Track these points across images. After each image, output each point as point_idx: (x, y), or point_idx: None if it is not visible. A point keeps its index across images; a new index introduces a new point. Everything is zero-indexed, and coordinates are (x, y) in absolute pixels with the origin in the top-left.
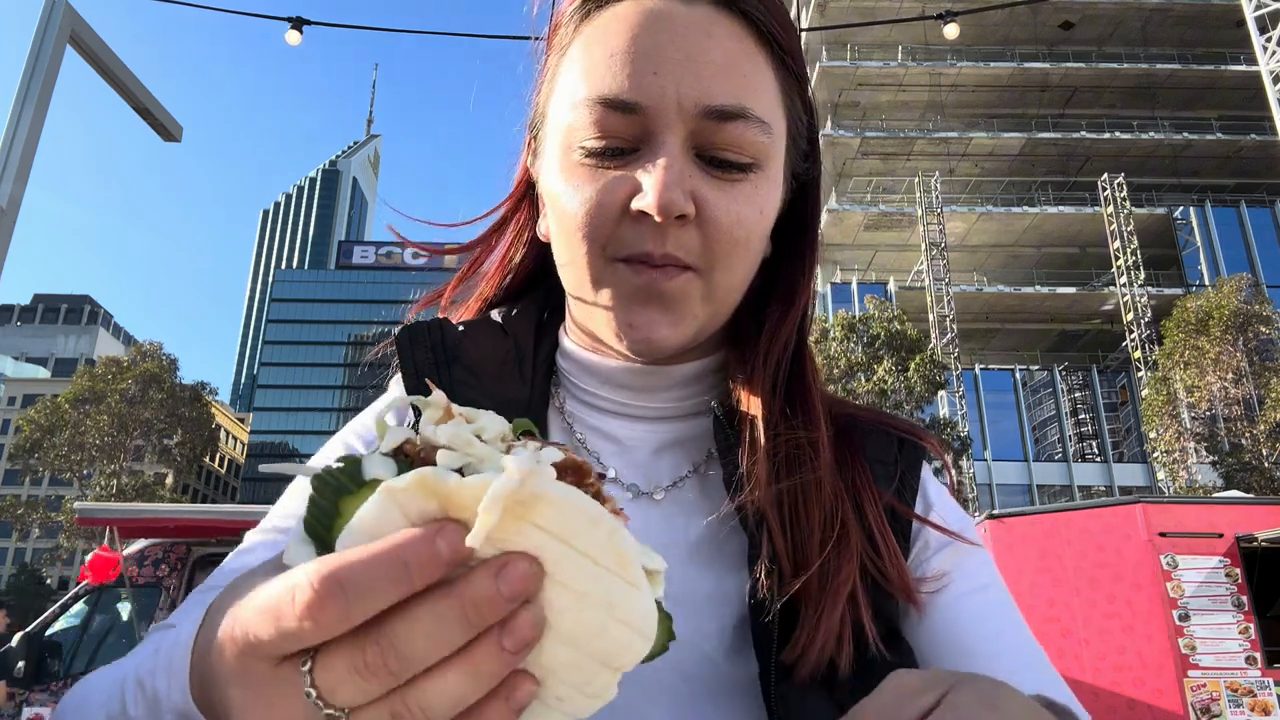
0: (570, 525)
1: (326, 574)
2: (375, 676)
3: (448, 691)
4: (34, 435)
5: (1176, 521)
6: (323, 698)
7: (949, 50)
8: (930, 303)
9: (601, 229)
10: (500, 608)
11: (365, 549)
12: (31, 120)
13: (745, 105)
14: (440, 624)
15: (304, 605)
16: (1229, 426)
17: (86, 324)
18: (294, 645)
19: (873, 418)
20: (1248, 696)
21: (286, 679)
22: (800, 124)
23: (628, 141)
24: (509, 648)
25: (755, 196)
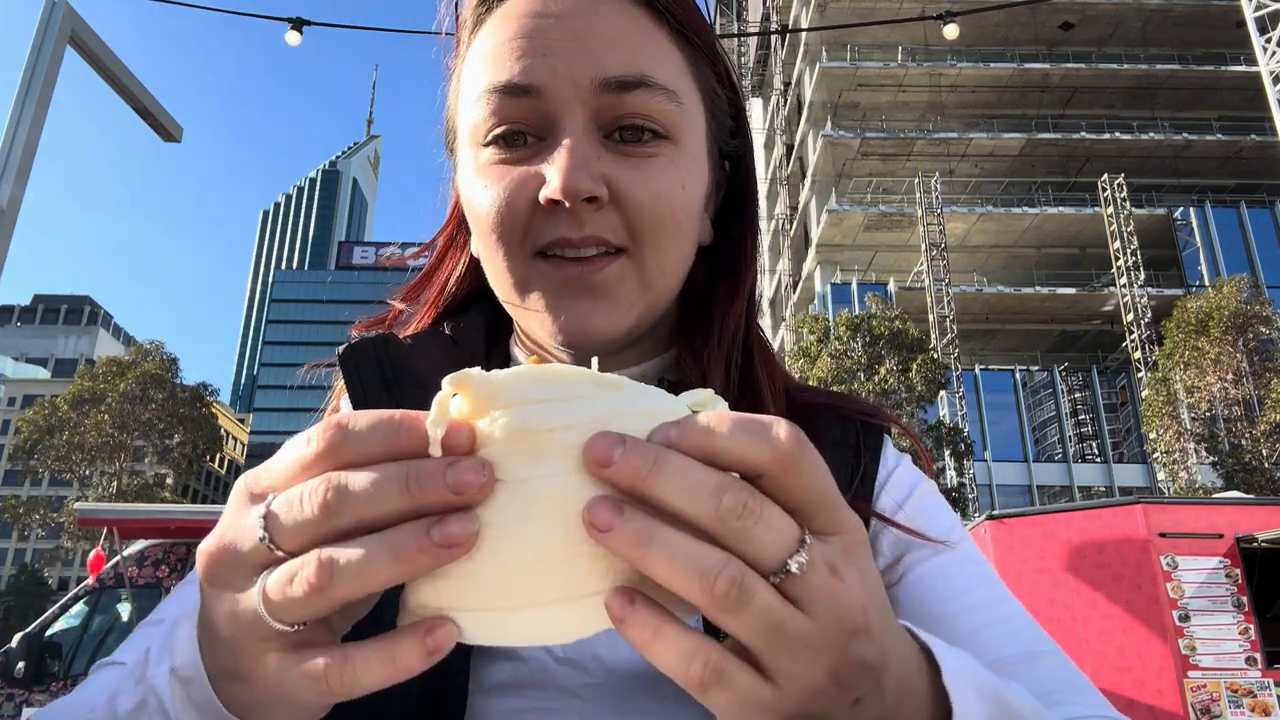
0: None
1: (340, 417)
2: (309, 503)
3: (361, 554)
4: (34, 436)
5: (1176, 522)
6: (268, 529)
7: (949, 51)
8: (930, 303)
9: (516, 225)
10: (439, 489)
11: (372, 415)
12: (31, 120)
13: (644, 73)
14: (383, 477)
15: (318, 429)
16: (1229, 427)
17: (86, 324)
18: (294, 476)
19: (830, 401)
20: (1248, 697)
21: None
22: (718, 98)
23: (529, 126)
24: (435, 539)
25: (673, 170)
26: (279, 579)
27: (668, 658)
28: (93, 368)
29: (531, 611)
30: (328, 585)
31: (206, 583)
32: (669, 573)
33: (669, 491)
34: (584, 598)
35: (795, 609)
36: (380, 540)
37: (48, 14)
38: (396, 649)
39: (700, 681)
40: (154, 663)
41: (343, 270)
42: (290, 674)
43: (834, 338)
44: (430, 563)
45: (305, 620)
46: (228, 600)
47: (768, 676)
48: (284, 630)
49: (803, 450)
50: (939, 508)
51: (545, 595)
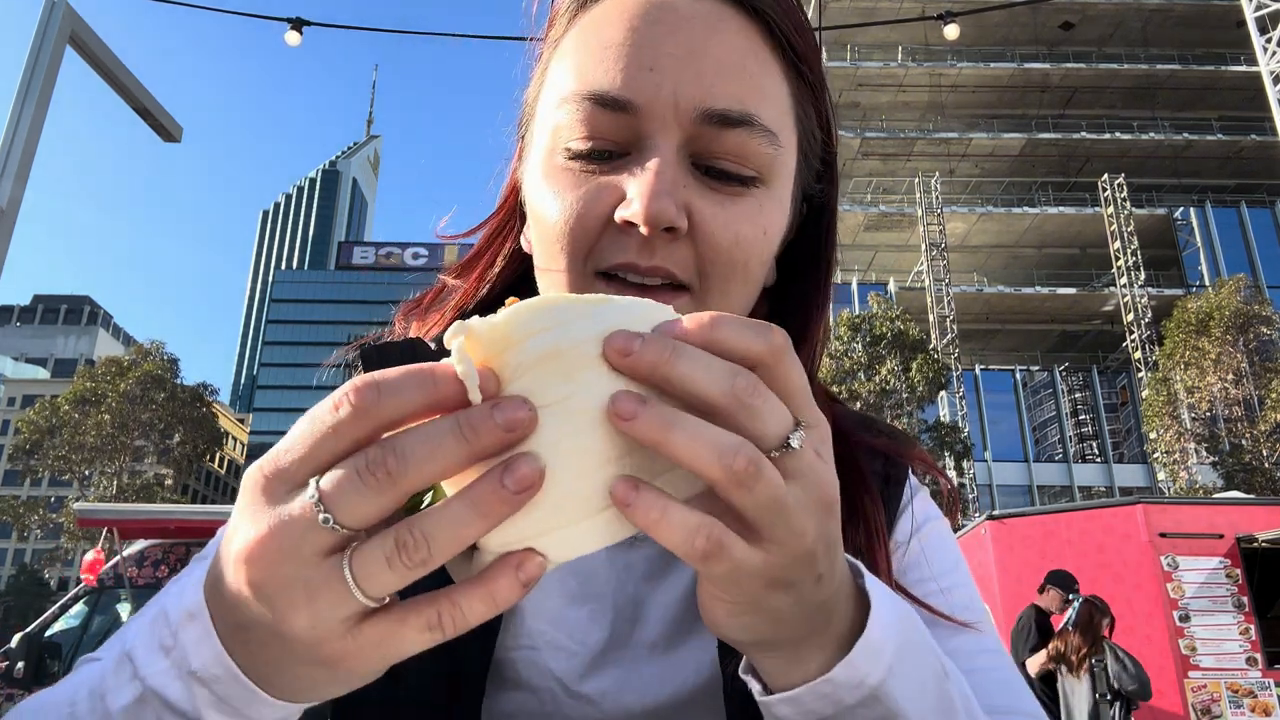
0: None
1: (367, 376)
2: (374, 475)
3: (449, 519)
4: (34, 436)
5: (1177, 522)
6: (330, 510)
7: (949, 51)
8: (930, 303)
9: (583, 240)
10: (493, 431)
11: (399, 368)
12: (31, 120)
13: (750, 111)
14: (438, 432)
15: (345, 393)
16: (1229, 427)
17: (86, 324)
18: (329, 448)
19: (865, 440)
20: (1248, 697)
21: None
22: (814, 140)
23: (617, 144)
24: (510, 485)
25: (758, 215)
26: (373, 562)
27: (675, 535)
28: (92, 368)
29: (599, 517)
30: (429, 558)
31: (260, 586)
32: (691, 453)
33: (687, 374)
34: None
35: (790, 483)
36: (461, 501)
37: (48, 14)
38: (495, 586)
39: (704, 553)
40: (144, 662)
41: (342, 270)
42: (395, 634)
43: (834, 338)
44: (511, 510)
45: (397, 590)
46: (296, 594)
47: (758, 545)
48: (376, 605)
49: (790, 347)
50: (945, 545)
51: (607, 499)
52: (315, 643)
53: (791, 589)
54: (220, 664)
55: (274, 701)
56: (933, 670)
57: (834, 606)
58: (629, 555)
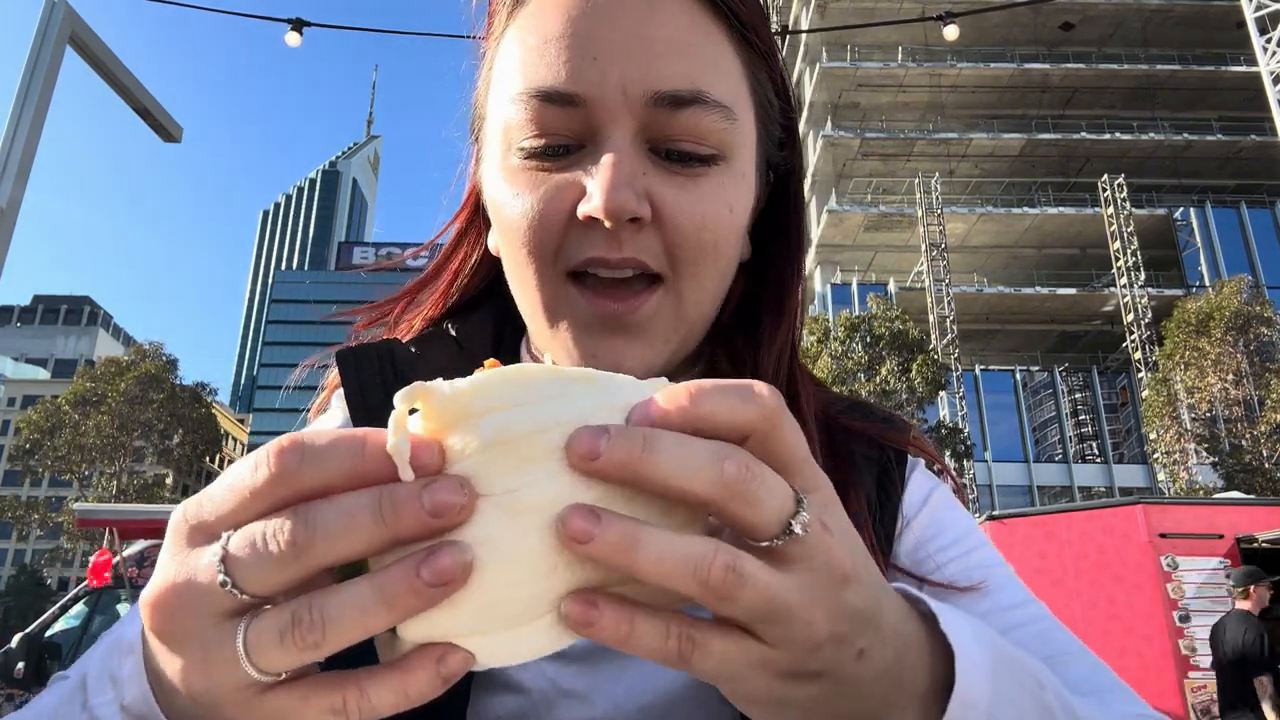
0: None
1: (294, 436)
2: (276, 542)
3: (352, 603)
4: (34, 436)
5: (1177, 522)
6: (230, 574)
7: (949, 51)
8: (930, 303)
9: (548, 241)
10: (417, 514)
11: (329, 433)
12: (31, 120)
13: (700, 88)
14: (355, 507)
15: (268, 453)
16: (1229, 427)
17: (86, 325)
18: (246, 507)
19: (857, 426)
20: None
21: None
22: (771, 108)
23: (571, 138)
24: (425, 577)
25: (722, 193)
26: (266, 636)
27: (645, 645)
28: (92, 368)
29: (536, 624)
30: (322, 641)
31: (163, 636)
32: (659, 571)
33: (666, 468)
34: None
35: (788, 574)
36: (368, 585)
37: (48, 14)
38: (410, 679)
39: (679, 655)
40: (94, 691)
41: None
42: (295, 713)
43: (834, 338)
44: (425, 604)
45: (292, 669)
46: (193, 651)
47: (758, 639)
48: (270, 680)
49: (784, 408)
50: (955, 511)
51: (550, 605)
52: (213, 704)
53: (821, 678)
54: (145, 703)
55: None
56: (1029, 690)
57: (901, 671)
58: None
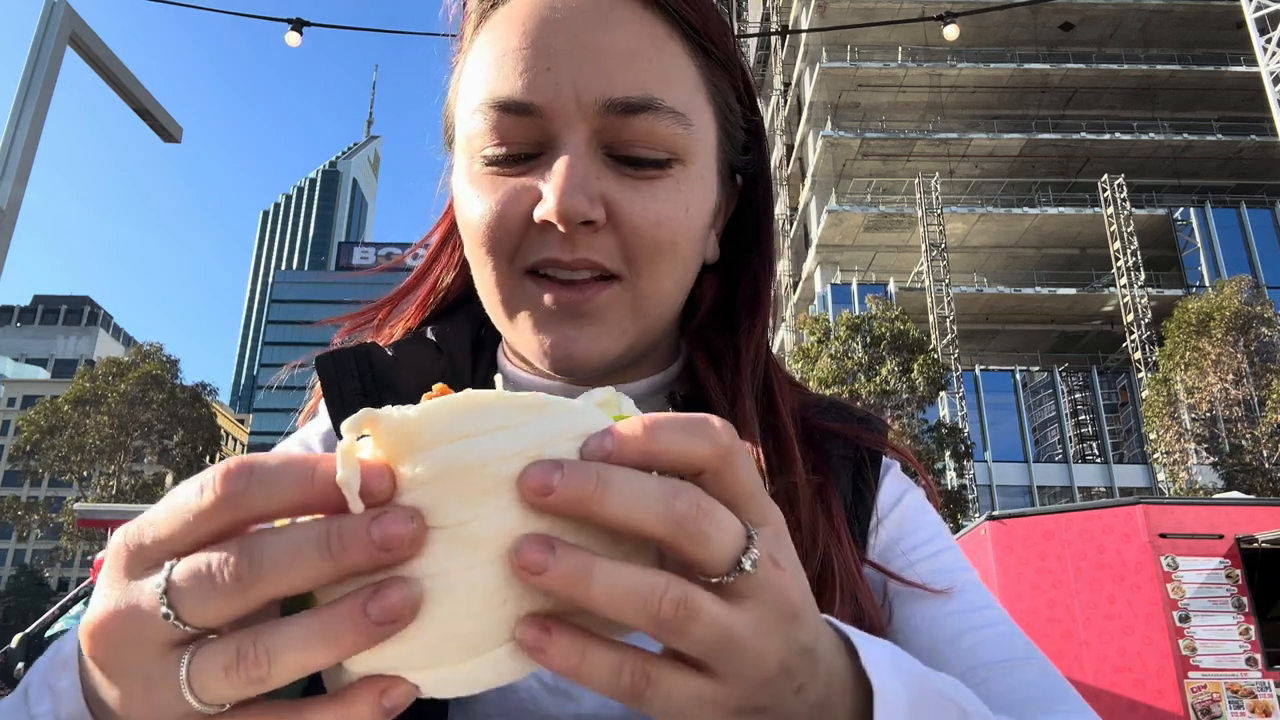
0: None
1: (243, 459)
2: (221, 574)
3: (297, 639)
4: (34, 436)
5: (1177, 523)
6: (173, 606)
7: (949, 51)
8: (930, 304)
9: (506, 241)
10: (365, 547)
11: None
12: (31, 120)
13: (652, 95)
14: (302, 539)
15: (213, 476)
16: (1229, 428)
17: (86, 325)
18: (190, 531)
19: (831, 425)
20: (1248, 698)
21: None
22: (733, 113)
23: (529, 145)
24: (373, 614)
25: (677, 193)
26: (210, 669)
27: (600, 677)
28: (92, 369)
29: (488, 656)
30: (267, 677)
31: (102, 665)
32: (610, 603)
33: (618, 507)
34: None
35: (739, 609)
36: (313, 621)
37: (48, 14)
38: (352, 712)
39: (632, 690)
40: (34, 700)
41: (343, 271)
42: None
43: (834, 338)
44: (371, 642)
45: (236, 700)
46: (134, 682)
47: (710, 677)
48: (212, 712)
49: (738, 443)
50: (924, 514)
51: (502, 637)
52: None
53: (764, 713)
54: (82, 718)
55: None
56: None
57: (828, 703)
58: None
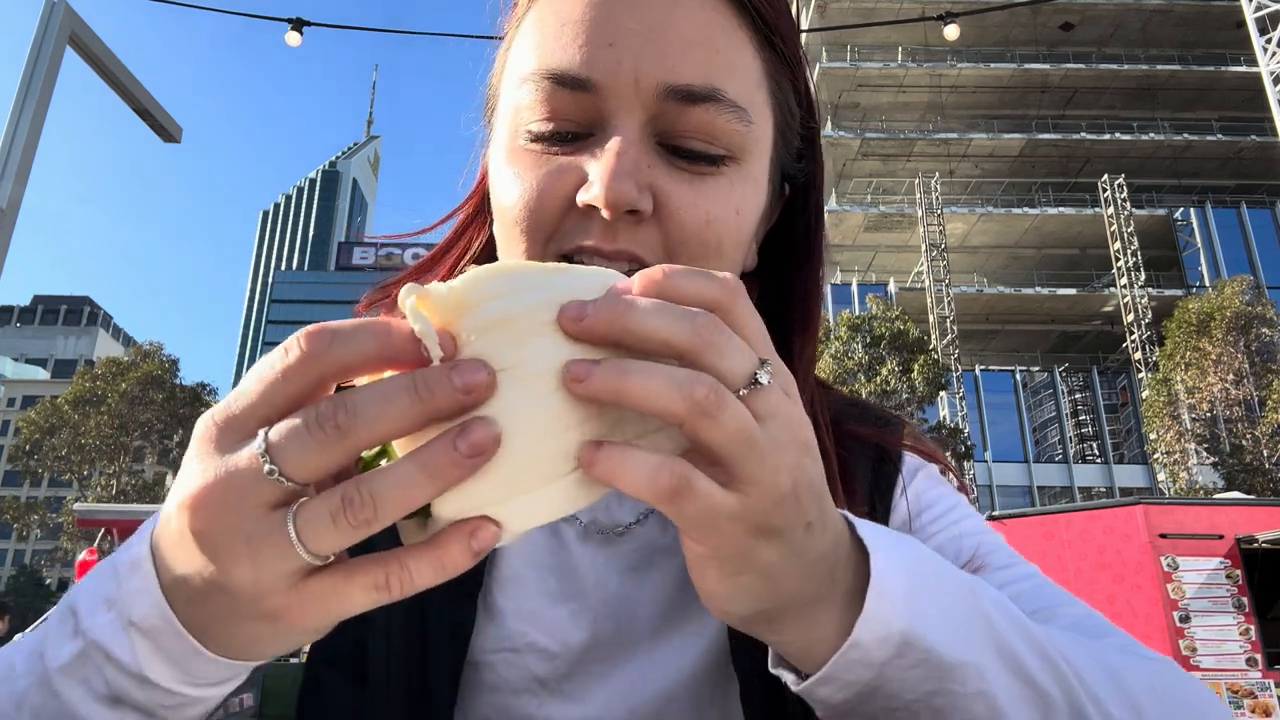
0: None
1: (320, 324)
2: (323, 429)
3: (398, 479)
4: (34, 436)
5: (1177, 523)
6: (276, 463)
7: (949, 51)
8: (930, 304)
9: (544, 223)
10: (450, 392)
11: (354, 320)
12: (31, 120)
13: (716, 86)
14: (393, 389)
15: (296, 338)
16: (1230, 428)
17: (86, 325)
18: (278, 392)
19: (853, 429)
20: (1248, 698)
21: (245, 461)
22: (791, 117)
23: (579, 125)
24: (463, 449)
25: (730, 194)
26: (318, 519)
27: (639, 478)
28: (92, 369)
29: (558, 484)
30: (373, 518)
31: (202, 535)
32: (647, 394)
33: (643, 324)
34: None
35: (758, 421)
36: (411, 461)
37: (47, 14)
38: (445, 551)
39: (670, 490)
40: (87, 615)
41: (343, 271)
42: (340, 592)
43: (834, 338)
44: (462, 474)
45: (341, 549)
46: (239, 545)
47: (733, 487)
48: (319, 563)
49: (744, 292)
50: (943, 492)
51: (568, 465)
52: (257, 596)
53: (779, 538)
54: (160, 615)
55: (214, 658)
56: (959, 593)
57: (834, 562)
58: (610, 550)
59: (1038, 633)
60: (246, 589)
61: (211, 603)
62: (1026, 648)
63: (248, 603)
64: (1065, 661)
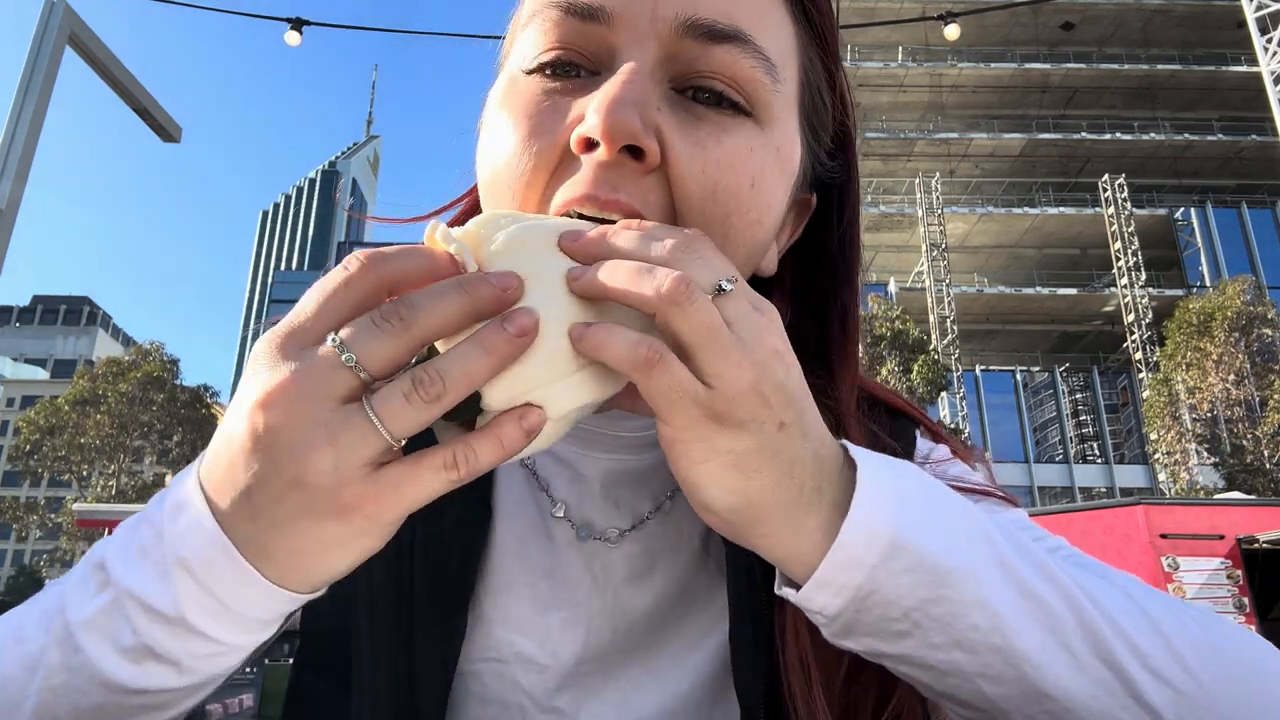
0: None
1: (371, 250)
2: (389, 321)
3: (460, 357)
4: (33, 436)
5: (1178, 523)
6: (353, 351)
7: (949, 51)
8: (931, 304)
9: (533, 171)
10: (490, 289)
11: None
12: (31, 120)
13: (740, 26)
14: (443, 287)
15: (353, 256)
16: (1231, 428)
17: (85, 325)
18: (340, 298)
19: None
20: None
21: (320, 359)
22: (820, 101)
23: (586, 58)
24: (511, 330)
25: (747, 157)
26: (393, 399)
27: (621, 349)
28: (92, 369)
29: (583, 373)
30: (443, 392)
31: (279, 430)
32: (627, 283)
33: (630, 242)
34: None
35: (726, 322)
36: (470, 343)
37: (47, 14)
38: (503, 431)
39: (646, 361)
40: (119, 566)
41: None
42: (412, 474)
43: None
44: (514, 352)
45: (416, 431)
46: (317, 435)
47: (700, 378)
48: (395, 446)
49: (705, 237)
50: (954, 467)
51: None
52: (336, 486)
53: (744, 430)
54: (215, 544)
55: (268, 586)
56: (958, 511)
57: (818, 471)
58: (605, 558)
59: (1045, 557)
60: (325, 479)
61: (285, 504)
62: (1031, 567)
63: (325, 495)
64: (1078, 586)
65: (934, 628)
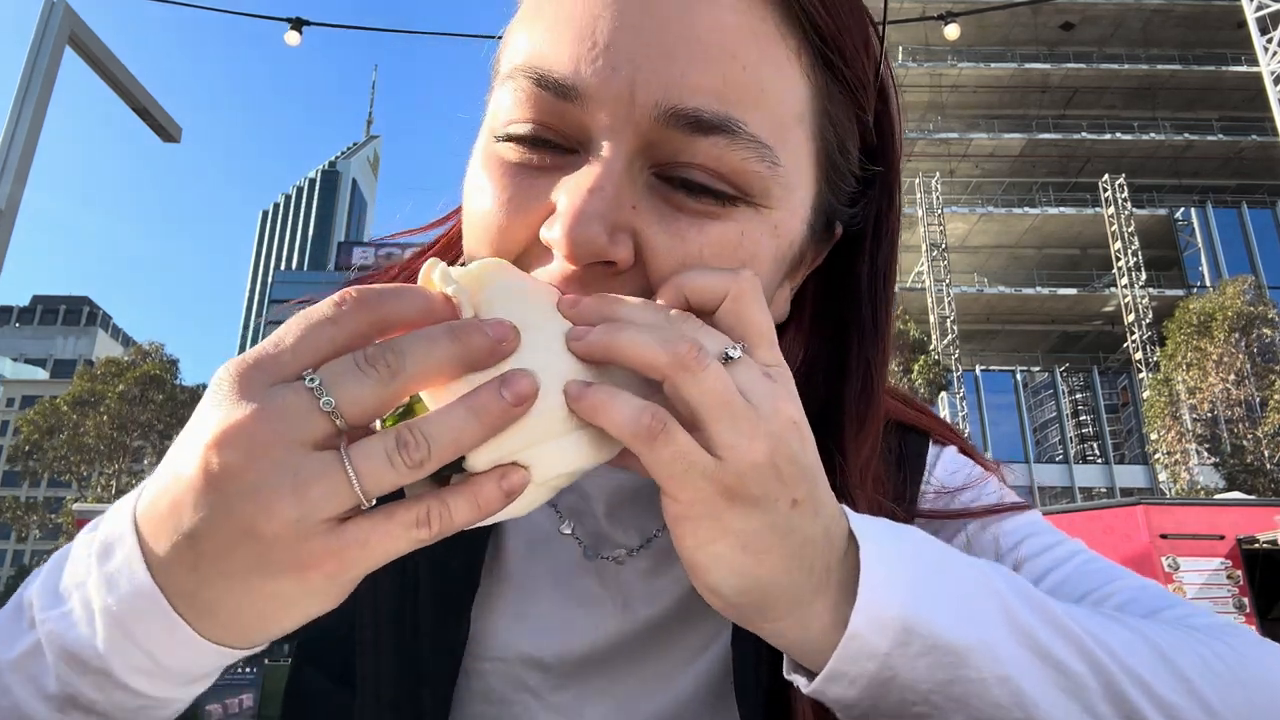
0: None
1: (365, 287)
2: (374, 367)
3: (450, 422)
4: (33, 437)
5: (1178, 523)
6: (332, 394)
7: (949, 51)
8: (931, 304)
9: (505, 253)
10: (484, 339)
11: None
12: (31, 120)
13: (732, 115)
14: (434, 333)
15: (346, 291)
16: (1231, 428)
17: (85, 325)
18: (322, 335)
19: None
20: None
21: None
22: (844, 156)
23: (564, 138)
24: (508, 397)
25: (737, 246)
26: (374, 455)
27: (623, 415)
28: (92, 369)
29: (577, 435)
30: (427, 458)
31: (240, 473)
32: (636, 348)
33: (625, 313)
34: None
35: (739, 390)
36: (461, 405)
37: (47, 14)
38: (481, 491)
39: (649, 431)
40: (43, 607)
41: (342, 271)
42: (381, 530)
43: None
44: (508, 419)
45: (389, 491)
46: (284, 482)
47: (709, 449)
48: (365, 505)
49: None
50: (964, 464)
51: (579, 419)
52: (296, 539)
53: (756, 507)
54: (143, 595)
55: (201, 643)
56: (967, 578)
57: (828, 551)
58: (610, 575)
59: (1062, 613)
60: (285, 530)
61: (235, 555)
62: (1048, 630)
63: (283, 549)
64: (1097, 642)
65: (954, 708)
